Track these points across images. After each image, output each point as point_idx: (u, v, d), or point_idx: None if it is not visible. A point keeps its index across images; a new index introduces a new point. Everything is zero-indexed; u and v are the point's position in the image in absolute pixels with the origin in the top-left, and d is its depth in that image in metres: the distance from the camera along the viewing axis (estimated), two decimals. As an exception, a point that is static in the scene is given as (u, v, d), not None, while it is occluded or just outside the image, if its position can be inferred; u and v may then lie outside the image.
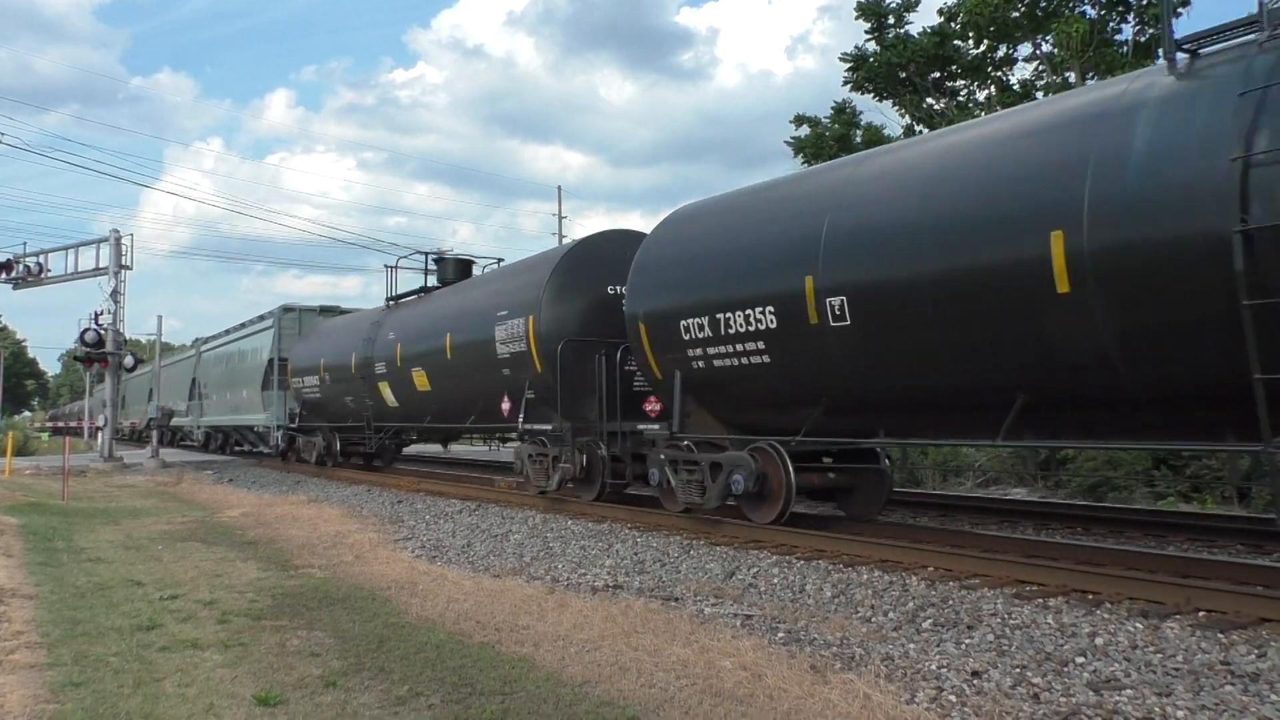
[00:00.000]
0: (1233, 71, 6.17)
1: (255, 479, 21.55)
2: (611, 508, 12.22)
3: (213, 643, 5.99)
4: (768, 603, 6.86)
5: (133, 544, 10.85)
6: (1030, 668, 5.03)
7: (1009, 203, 7.07)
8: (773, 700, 4.57)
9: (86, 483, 21.15)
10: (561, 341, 12.30)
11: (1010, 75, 21.07)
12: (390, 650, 5.74)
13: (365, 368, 18.54)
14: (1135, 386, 6.60)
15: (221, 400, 30.35)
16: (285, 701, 4.77)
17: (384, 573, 8.51)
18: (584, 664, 5.32)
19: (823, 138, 21.64)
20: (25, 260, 29.32)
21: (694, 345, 10.14)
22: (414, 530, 11.63)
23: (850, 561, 8.20)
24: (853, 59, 21.13)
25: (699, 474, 10.26)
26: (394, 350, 17.44)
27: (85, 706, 4.71)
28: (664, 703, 4.61)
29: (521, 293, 13.48)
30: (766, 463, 9.59)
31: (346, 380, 19.64)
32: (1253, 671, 4.81)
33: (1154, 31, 18.41)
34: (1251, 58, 6.12)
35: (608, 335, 12.27)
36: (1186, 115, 6.24)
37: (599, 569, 8.46)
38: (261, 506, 14.74)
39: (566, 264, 12.97)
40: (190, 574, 8.62)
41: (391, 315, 18.64)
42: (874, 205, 8.36)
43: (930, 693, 4.69)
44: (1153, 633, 5.59)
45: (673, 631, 5.93)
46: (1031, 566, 7.26)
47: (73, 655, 5.69)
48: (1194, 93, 6.33)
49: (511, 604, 6.92)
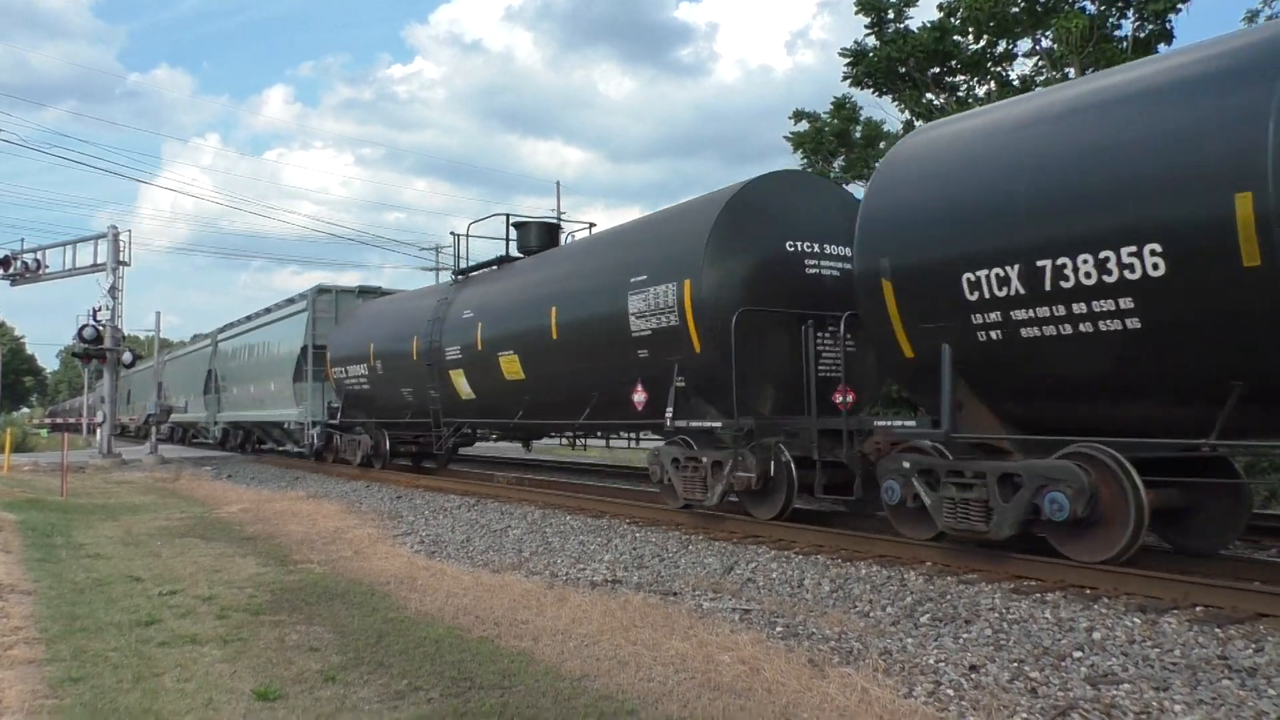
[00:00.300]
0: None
1: (254, 475, 21.55)
2: (611, 502, 12.22)
3: (212, 638, 6.00)
4: (766, 597, 6.87)
5: (131, 540, 10.85)
6: (1028, 662, 5.04)
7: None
8: (771, 694, 4.58)
9: (85, 479, 21.15)
10: (737, 311, 9.48)
11: (1010, 71, 21.06)
12: (389, 645, 5.74)
13: (432, 354, 15.68)
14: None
15: (244, 394, 27.39)
16: (284, 696, 4.78)
17: (383, 568, 8.52)
18: (583, 658, 5.33)
19: (822, 133, 21.62)
20: (23, 256, 29.28)
21: (984, 308, 7.27)
22: (413, 525, 11.63)
23: (848, 556, 8.21)
24: (852, 54, 21.08)
25: (979, 490, 7.39)
26: (472, 332, 14.52)
27: (84, 701, 4.71)
28: (662, 696, 4.62)
29: (670, 251, 10.53)
30: (1100, 475, 6.83)
31: (405, 369, 16.94)
32: (1250, 666, 4.82)
33: (1153, 27, 18.41)
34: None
35: (794, 304, 9.90)
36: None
37: (598, 564, 8.47)
38: (260, 502, 14.75)
39: (732, 213, 10.03)
40: (189, 569, 8.63)
41: (465, 291, 15.73)
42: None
43: (928, 687, 4.70)
44: (1150, 628, 5.60)
45: (671, 626, 5.94)
46: (1029, 561, 7.26)
47: (71, 651, 5.70)
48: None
49: (510, 599, 6.93)
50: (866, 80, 21.21)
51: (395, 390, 17.61)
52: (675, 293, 10.14)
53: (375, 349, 18.12)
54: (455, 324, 15.23)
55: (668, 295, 10.27)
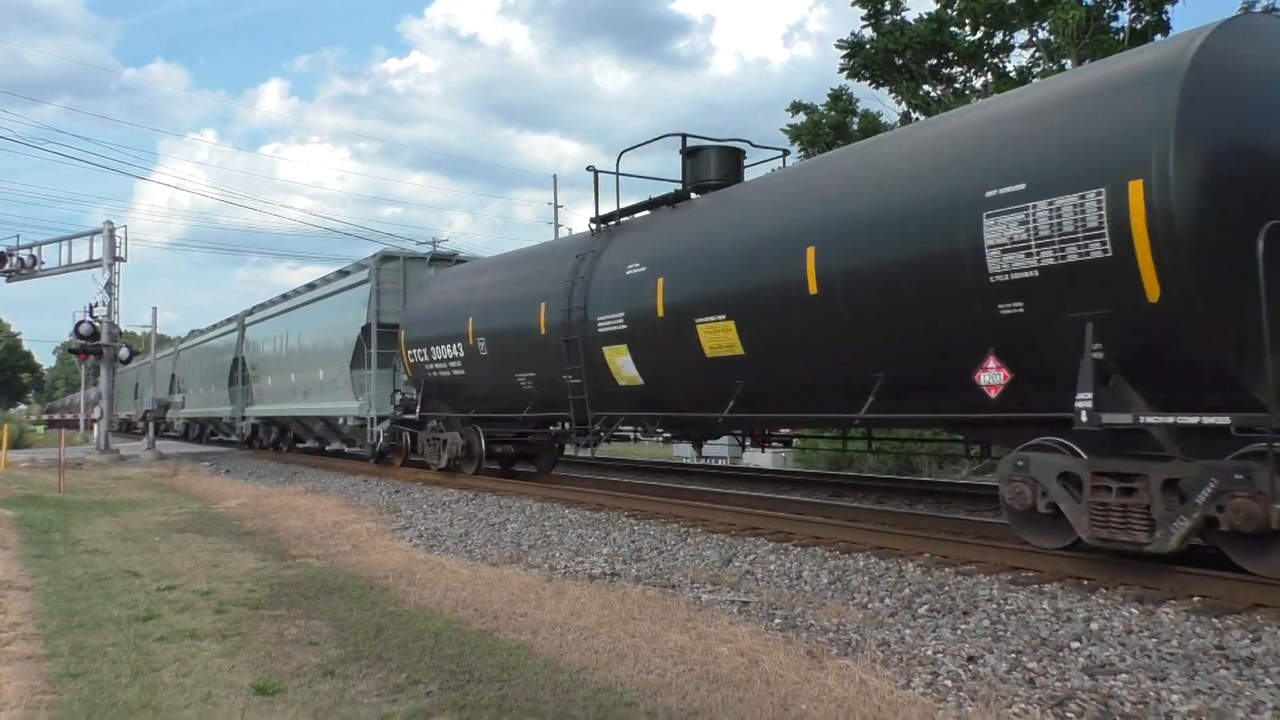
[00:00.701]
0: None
1: (252, 470, 21.54)
2: (611, 495, 12.24)
3: (210, 632, 6.00)
4: (765, 589, 6.87)
5: (129, 535, 10.85)
6: (1026, 653, 5.04)
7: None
8: (769, 685, 4.59)
9: (83, 475, 21.14)
10: (1266, 225, 5.77)
11: (1006, 62, 21.05)
12: (388, 638, 5.74)
13: (572, 326, 11.72)
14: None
15: (281, 385, 23.65)
16: (283, 690, 4.78)
17: (381, 562, 8.52)
18: (582, 651, 5.33)
19: (819, 125, 21.60)
20: (19, 253, 29.23)
21: None
22: (411, 520, 11.63)
23: (847, 548, 8.22)
24: (849, 46, 21.07)
25: None
26: (644, 293, 10.53)
27: (83, 697, 4.71)
28: (661, 688, 4.62)
29: (1079, 138, 6.51)
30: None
31: (525, 347, 13.01)
32: (1247, 656, 4.83)
33: (1150, 18, 18.40)
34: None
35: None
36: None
37: (596, 557, 8.47)
38: (258, 497, 14.75)
39: (1218, 64, 6.14)
40: (187, 565, 8.63)
41: (620, 240, 11.77)
42: None
43: (926, 678, 4.70)
44: (1148, 618, 5.61)
45: (670, 618, 5.95)
46: (1027, 553, 7.27)
47: (70, 646, 5.69)
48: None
49: (509, 592, 6.93)
50: (863, 72, 21.20)
51: (506, 376, 13.67)
52: (1103, 205, 6.24)
53: (477, 324, 14.13)
54: (613, 284, 11.20)
55: (1081, 211, 6.34)
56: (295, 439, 25.79)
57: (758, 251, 9.21)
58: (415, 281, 17.89)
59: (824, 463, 19.30)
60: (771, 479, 15.53)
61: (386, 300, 17.95)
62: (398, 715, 4.38)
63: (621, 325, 10.98)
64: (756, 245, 9.26)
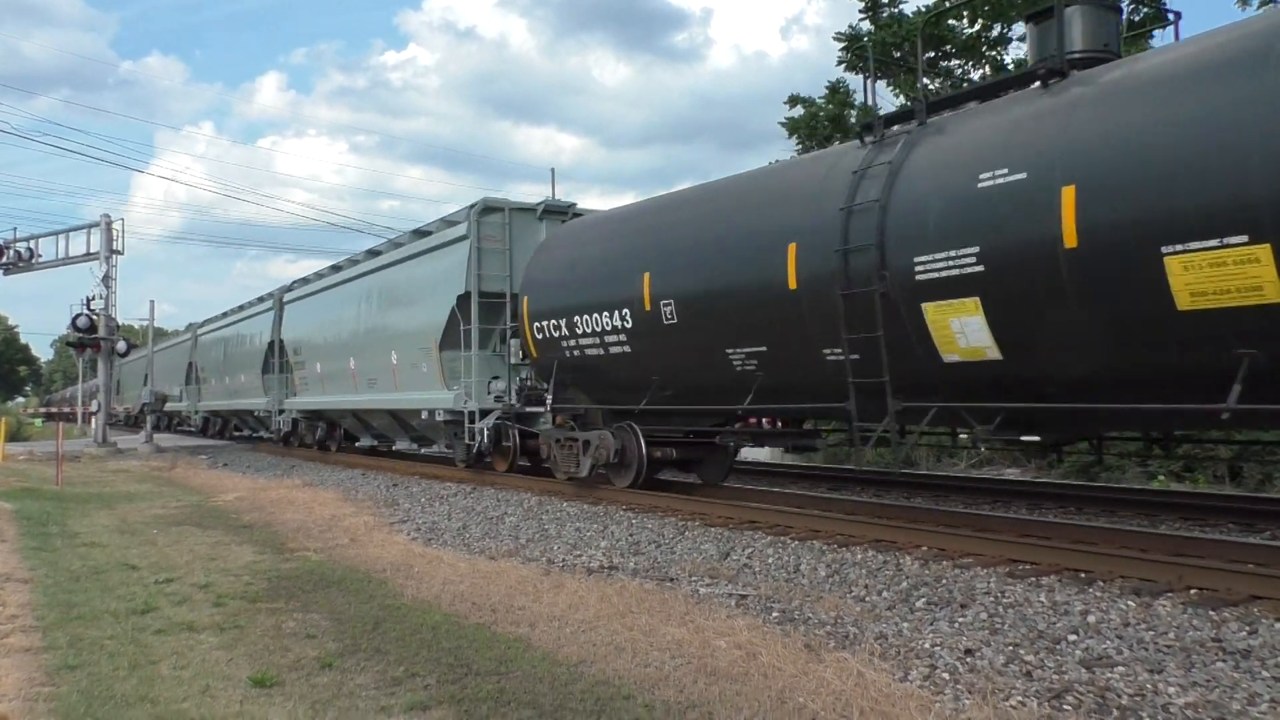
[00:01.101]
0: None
1: (250, 463, 21.54)
2: (610, 490, 12.24)
3: (208, 625, 6.00)
4: (763, 582, 6.88)
5: (127, 528, 10.85)
6: (1023, 646, 5.05)
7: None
8: (767, 679, 4.59)
9: (80, 468, 21.12)
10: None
11: (1005, 55, 21.01)
12: (386, 632, 5.75)
13: (864, 274, 7.95)
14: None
15: (336, 373, 19.72)
16: (281, 683, 4.78)
17: (379, 555, 8.53)
18: (580, 644, 5.34)
19: (817, 118, 21.57)
20: (16, 245, 29.22)
21: None
22: (409, 513, 11.64)
23: (844, 541, 8.23)
24: (847, 39, 21.04)
25: None
26: (1027, 213, 6.83)
27: (81, 689, 4.71)
28: (659, 682, 4.63)
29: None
30: None
31: (756, 309, 9.21)
32: (1244, 648, 4.84)
33: (1148, 10, 18.37)
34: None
35: None
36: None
37: (594, 550, 8.48)
38: (256, 491, 14.74)
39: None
40: (185, 558, 8.63)
41: (937, 142, 7.95)
42: None
43: (923, 671, 4.71)
44: (1145, 610, 5.62)
45: (668, 612, 5.95)
46: (1025, 546, 7.29)
47: (68, 638, 5.69)
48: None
49: (507, 585, 6.93)
50: (861, 65, 21.15)
51: (710, 353, 9.78)
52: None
53: (660, 282, 10.24)
54: (944, 205, 7.48)
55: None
56: (347, 436, 21.47)
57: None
58: (525, 239, 14.29)
59: (822, 458, 19.29)
60: (767, 472, 15.55)
61: (489, 262, 14.28)
62: (396, 708, 4.38)
63: (968, 268, 7.20)
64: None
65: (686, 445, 11.88)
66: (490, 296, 14.25)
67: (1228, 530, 8.51)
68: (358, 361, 18.60)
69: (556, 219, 14.70)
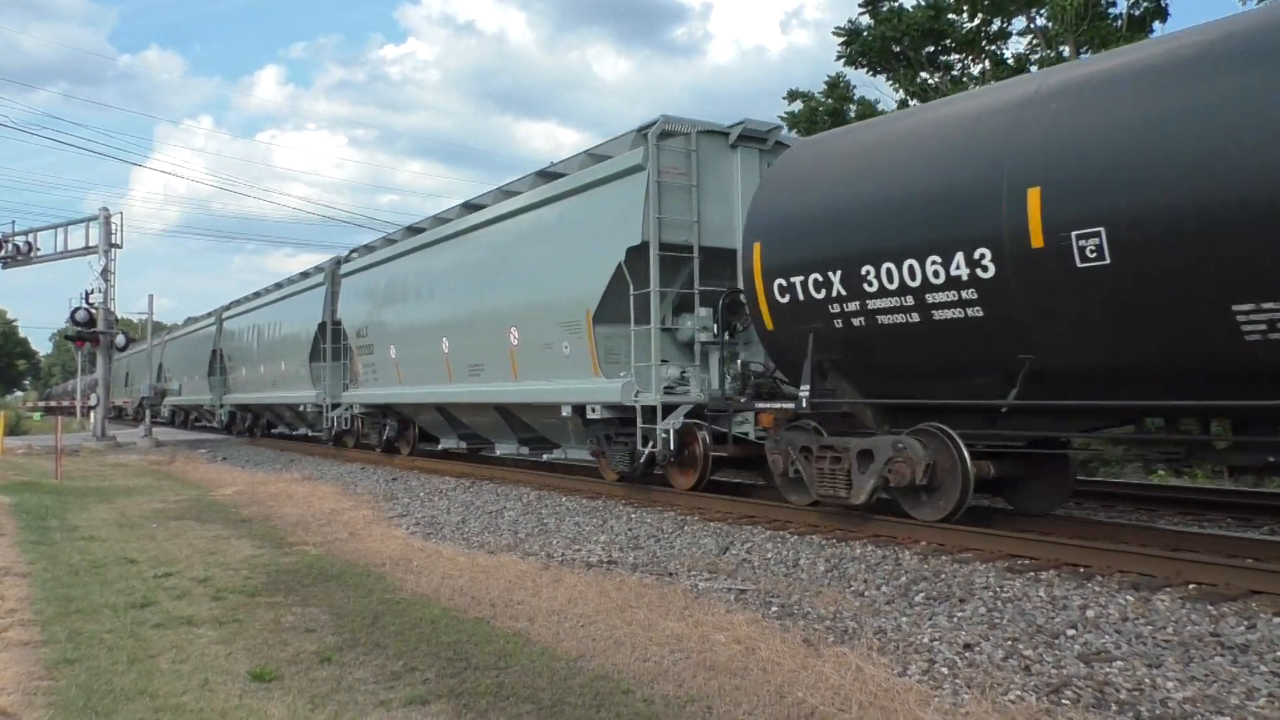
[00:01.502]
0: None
1: (249, 457, 21.53)
2: (607, 485, 12.24)
3: (207, 619, 6.00)
4: (762, 577, 6.89)
5: (126, 522, 10.85)
6: (1022, 640, 5.06)
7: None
8: (766, 673, 4.60)
9: (79, 462, 21.12)
10: None
11: (1004, 49, 20.99)
12: (385, 626, 5.75)
13: None
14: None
15: (420, 358, 15.76)
16: (280, 677, 4.78)
17: (379, 549, 8.53)
18: (579, 639, 5.34)
19: (816, 113, 21.55)
20: (14, 239, 29.18)
21: None
22: (408, 507, 11.64)
23: (843, 536, 8.23)
24: (846, 33, 21.00)
25: None
26: None
27: (80, 683, 4.71)
28: (658, 676, 4.63)
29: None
30: None
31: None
32: (1242, 643, 4.85)
33: (1149, 4, 18.34)
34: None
35: None
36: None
37: (594, 545, 8.48)
38: (255, 484, 14.75)
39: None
40: (184, 552, 8.63)
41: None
42: None
43: (922, 665, 4.72)
44: (1143, 605, 5.63)
45: (667, 606, 5.95)
46: (1023, 540, 7.29)
47: (67, 632, 5.70)
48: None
49: (506, 580, 6.94)
50: (861, 59, 21.13)
51: (1178, 313, 6.10)
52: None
53: (1060, 202, 6.49)
54: None
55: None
56: (424, 436, 17.94)
57: None
58: (714, 174, 10.89)
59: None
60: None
61: (671, 202, 10.55)
62: (395, 702, 4.39)
63: None
64: None
65: (1006, 457, 8.18)
66: (671, 249, 10.53)
67: (1226, 525, 8.51)
68: (453, 343, 14.61)
69: (753, 148, 11.10)
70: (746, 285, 9.08)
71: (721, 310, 10.66)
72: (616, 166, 11.10)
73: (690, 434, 10.49)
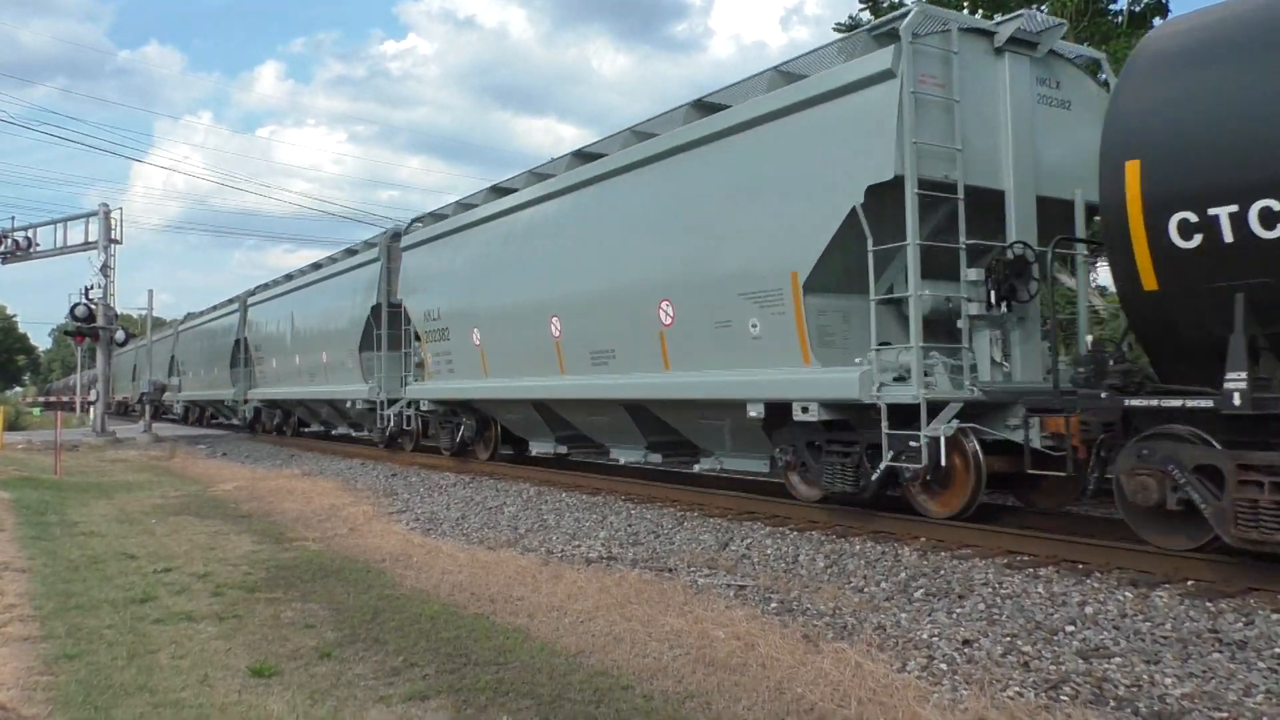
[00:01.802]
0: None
1: (248, 453, 21.54)
2: (608, 479, 12.24)
3: (207, 615, 6.01)
4: (761, 573, 6.89)
5: (126, 518, 10.85)
6: (1020, 636, 5.06)
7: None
8: (765, 669, 4.60)
9: (79, 457, 21.11)
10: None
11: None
12: (385, 622, 5.75)
13: None
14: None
15: (519, 343, 12.71)
16: (280, 673, 4.79)
17: (378, 545, 8.53)
18: (578, 634, 5.35)
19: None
20: (13, 234, 29.14)
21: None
22: (408, 503, 11.64)
23: (843, 532, 8.23)
24: (846, 28, 20.97)
25: None
26: None
27: (79, 678, 4.72)
28: (657, 672, 4.64)
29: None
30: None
31: None
32: (1240, 639, 4.85)
33: (1148, 1, 18.31)
34: None
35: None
36: None
37: (593, 541, 8.48)
38: (255, 480, 14.75)
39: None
40: (184, 547, 8.63)
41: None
42: None
43: (921, 661, 4.72)
44: (1142, 602, 5.63)
45: (666, 602, 5.96)
46: (1022, 537, 7.30)
47: (66, 628, 5.70)
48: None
49: (506, 576, 6.94)
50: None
51: None
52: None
53: None
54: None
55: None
56: (506, 439, 15.01)
57: None
58: (976, 85, 8.18)
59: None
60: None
61: (927, 123, 7.82)
62: (395, 698, 4.39)
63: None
64: None
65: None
66: (929, 187, 7.77)
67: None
68: (567, 325, 11.70)
69: (1023, 56, 8.43)
70: (1114, 224, 6.31)
71: (1003, 271, 7.91)
72: (848, 75, 8.18)
73: (954, 442, 7.67)
